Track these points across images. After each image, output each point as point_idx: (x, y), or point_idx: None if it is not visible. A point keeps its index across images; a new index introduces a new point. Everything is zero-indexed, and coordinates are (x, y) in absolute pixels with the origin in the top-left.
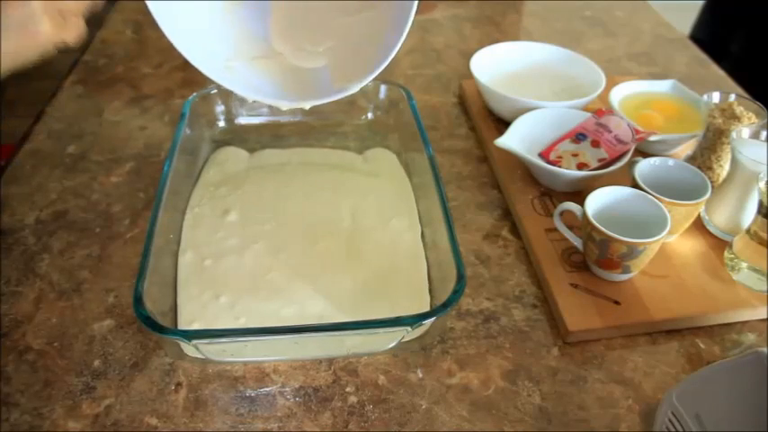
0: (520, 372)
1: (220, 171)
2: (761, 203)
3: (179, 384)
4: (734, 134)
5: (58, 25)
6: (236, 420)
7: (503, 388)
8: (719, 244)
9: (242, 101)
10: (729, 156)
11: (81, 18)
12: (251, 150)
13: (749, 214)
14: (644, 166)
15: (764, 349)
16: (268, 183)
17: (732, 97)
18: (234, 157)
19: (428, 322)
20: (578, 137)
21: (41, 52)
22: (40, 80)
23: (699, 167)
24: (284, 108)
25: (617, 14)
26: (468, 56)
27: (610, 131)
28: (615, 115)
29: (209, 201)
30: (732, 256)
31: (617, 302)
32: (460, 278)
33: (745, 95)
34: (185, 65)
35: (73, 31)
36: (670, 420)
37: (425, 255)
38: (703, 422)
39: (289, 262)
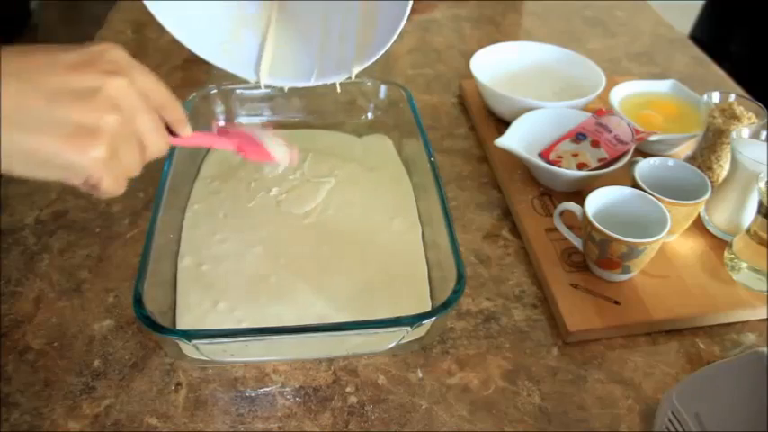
0: (520, 372)
1: (220, 161)
2: (761, 203)
3: (179, 384)
4: (734, 134)
5: (119, 166)
6: (236, 420)
7: (503, 388)
8: (719, 244)
9: (242, 101)
10: (729, 156)
11: (128, 177)
12: None
13: (749, 214)
14: (644, 166)
15: (764, 349)
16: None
17: (732, 97)
18: None
19: (428, 322)
20: (578, 137)
21: (71, 177)
22: None
23: (699, 167)
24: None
25: (617, 14)
26: (468, 56)
27: (610, 131)
28: (615, 115)
29: (207, 197)
30: (732, 256)
31: (617, 302)
32: (460, 278)
33: (745, 95)
34: (185, 65)
35: (116, 185)
36: (670, 420)
37: (425, 255)
38: (703, 422)
39: (288, 264)
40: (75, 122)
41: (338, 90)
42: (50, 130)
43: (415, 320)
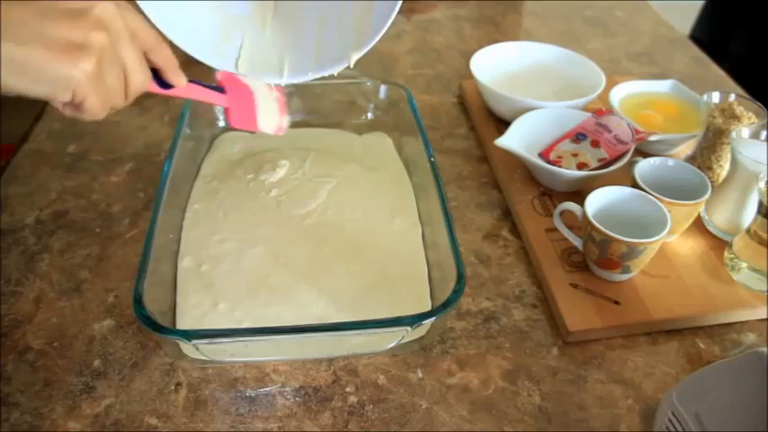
0: (520, 372)
1: (220, 159)
2: (761, 203)
3: (179, 384)
4: (734, 134)
5: (112, 80)
6: (236, 420)
7: (503, 388)
8: (719, 244)
9: None
10: (729, 156)
11: (129, 96)
12: None
13: (749, 214)
14: (644, 166)
15: (764, 349)
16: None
17: (732, 97)
18: (235, 140)
19: (428, 322)
20: (578, 137)
21: (59, 91)
22: None
23: (699, 167)
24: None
25: (617, 14)
26: (468, 56)
27: (610, 131)
28: (615, 115)
29: (207, 196)
30: (732, 256)
31: (617, 302)
32: (460, 278)
33: (745, 95)
34: (185, 65)
35: (100, 107)
36: (670, 420)
37: (425, 255)
38: (703, 422)
39: (288, 265)
40: (65, 37)
41: (335, 74)
42: (42, 42)
43: (415, 320)
